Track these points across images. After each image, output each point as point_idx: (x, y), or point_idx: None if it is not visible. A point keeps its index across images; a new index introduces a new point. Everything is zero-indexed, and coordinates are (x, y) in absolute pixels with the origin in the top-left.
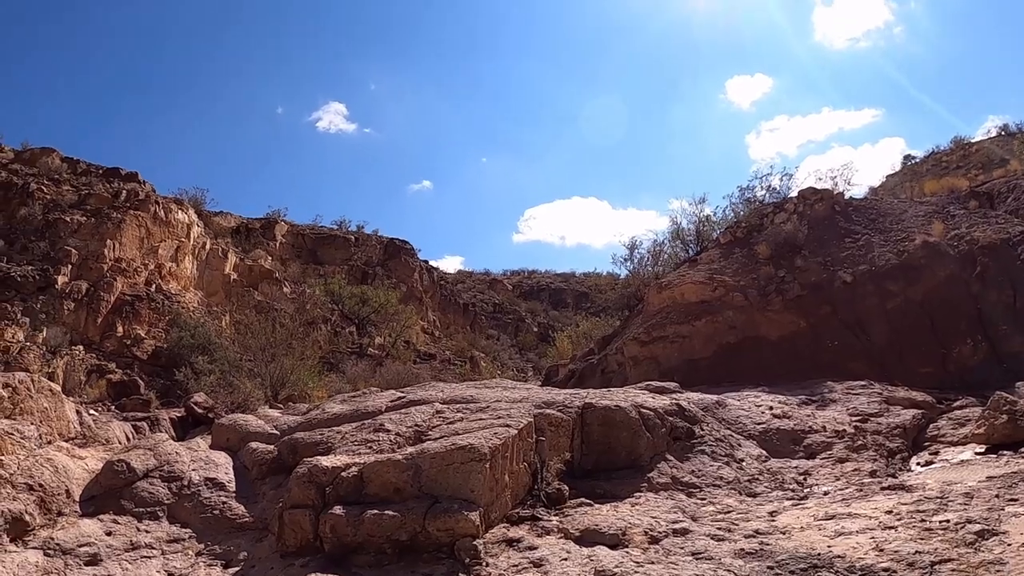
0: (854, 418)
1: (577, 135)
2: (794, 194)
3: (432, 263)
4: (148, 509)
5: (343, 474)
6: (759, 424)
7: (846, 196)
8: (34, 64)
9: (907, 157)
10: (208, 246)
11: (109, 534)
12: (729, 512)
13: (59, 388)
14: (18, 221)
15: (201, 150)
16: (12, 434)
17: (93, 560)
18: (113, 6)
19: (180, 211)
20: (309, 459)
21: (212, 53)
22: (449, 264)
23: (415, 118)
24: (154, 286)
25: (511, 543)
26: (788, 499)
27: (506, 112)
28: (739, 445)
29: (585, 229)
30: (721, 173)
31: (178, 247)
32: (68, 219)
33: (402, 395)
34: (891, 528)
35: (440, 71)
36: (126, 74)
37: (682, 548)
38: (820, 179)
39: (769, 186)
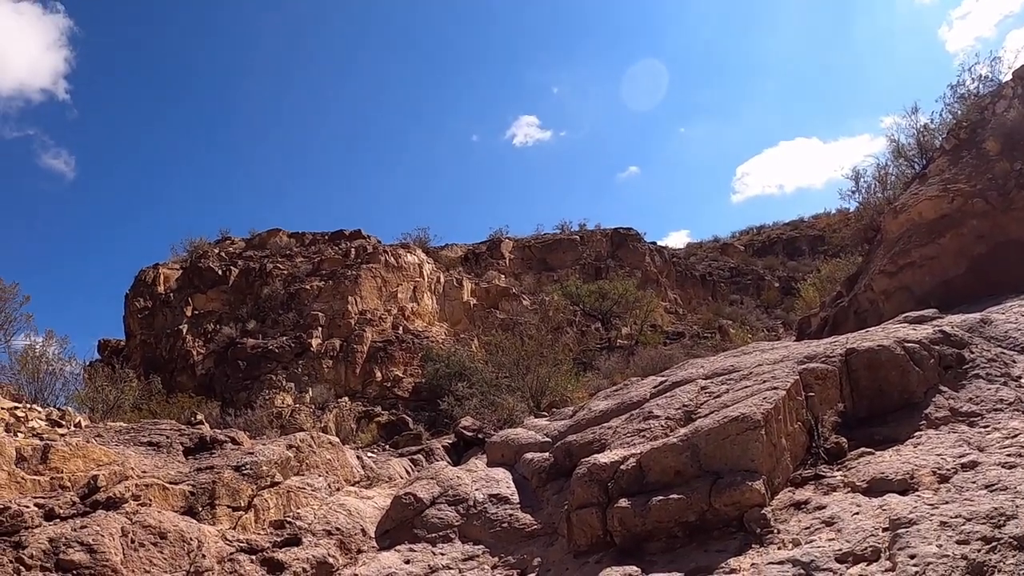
0: None
1: (766, 80)
2: (1008, 77)
3: (660, 243)
4: (440, 533)
5: (622, 467)
6: None
7: None
8: (240, 157)
9: None
10: (442, 279)
11: (408, 562)
12: (1016, 435)
13: (336, 439)
14: (264, 300)
15: (411, 194)
16: (304, 488)
17: None
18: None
19: (408, 254)
20: (586, 459)
21: (392, 102)
22: (677, 240)
23: (603, 109)
24: (401, 328)
25: (799, 506)
26: None
27: (688, 78)
28: (1013, 362)
29: (801, 172)
30: (924, 77)
31: (415, 287)
32: (308, 287)
33: (663, 379)
34: None
35: (612, 57)
36: (324, 143)
37: (974, 483)
38: None
39: (980, 76)
